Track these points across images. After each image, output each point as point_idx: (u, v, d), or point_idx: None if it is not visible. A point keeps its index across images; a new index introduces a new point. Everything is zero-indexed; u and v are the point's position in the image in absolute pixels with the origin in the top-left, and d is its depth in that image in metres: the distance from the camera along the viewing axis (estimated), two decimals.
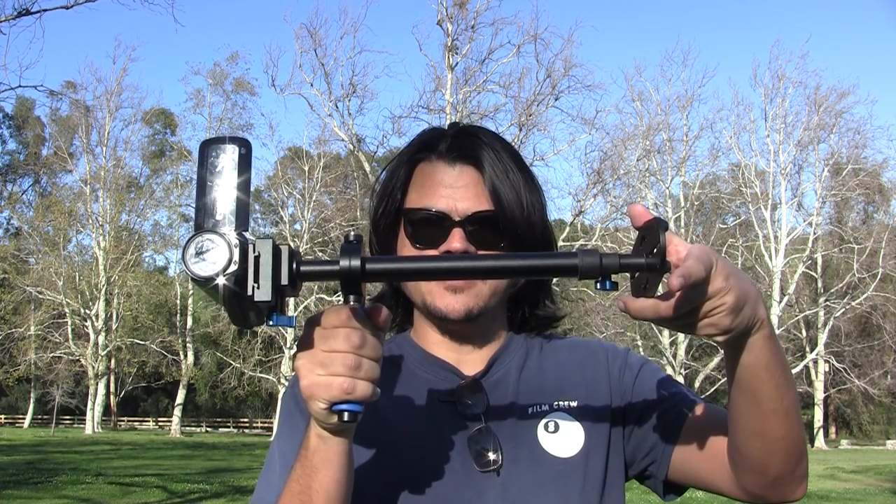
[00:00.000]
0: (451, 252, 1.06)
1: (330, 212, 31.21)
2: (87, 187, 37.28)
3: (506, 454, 1.05)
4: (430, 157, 1.13)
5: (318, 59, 26.12)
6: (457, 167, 1.10)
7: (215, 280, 0.75)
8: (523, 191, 1.10)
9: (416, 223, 1.10)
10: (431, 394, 1.10)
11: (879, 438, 41.67)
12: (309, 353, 0.84)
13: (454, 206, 1.08)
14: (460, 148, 1.11)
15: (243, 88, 39.55)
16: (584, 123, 26.51)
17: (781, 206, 31.99)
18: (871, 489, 16.33)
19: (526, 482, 1.04)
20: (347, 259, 0.79)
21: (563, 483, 1.05)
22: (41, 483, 13.72)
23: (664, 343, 31.59)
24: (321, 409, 0.83)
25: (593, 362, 1.15)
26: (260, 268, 0.77)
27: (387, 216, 1.15)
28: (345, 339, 0.82)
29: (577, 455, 1.07)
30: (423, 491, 1.03)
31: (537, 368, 1.14)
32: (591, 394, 1.12)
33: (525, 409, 1.10)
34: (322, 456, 0.89)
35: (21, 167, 44.85)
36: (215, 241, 0.77)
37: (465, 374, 1.12)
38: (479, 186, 1.09)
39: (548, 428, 1.08)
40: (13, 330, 36.42)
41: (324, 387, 0.82)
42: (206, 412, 50.12)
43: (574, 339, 1.22)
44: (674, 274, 0.75)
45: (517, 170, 1.11)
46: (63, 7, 10.52)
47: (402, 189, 1.14)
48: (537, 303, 1.19)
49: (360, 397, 0.83)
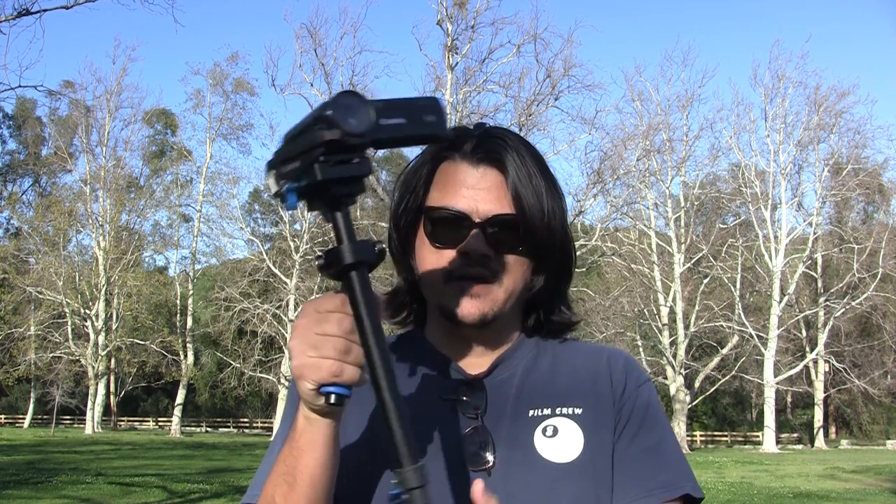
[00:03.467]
0: (468, 253, 1.06)
1: None
2: (87, 187, 37.30)
3: (500, 455, 1.05)
4: (454, 157, 1.12)
5: (318, 59, 26.14)
6: (480, 168, 1.10)
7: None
8: (545, 197, 1.09)
9: (436, 221, 1.10)
10: (433, 391, 1.10)
11: (879, 438, 41.66)
12: (302, 334, 0.86)
13: (475, 208, 1.08)
14: (486, 150, 1.11)
15: (243, 88, 39.62)
16: (583, 123, 26.54)
17: (781, 206, 32.00)
18: (871, 489, 16.34)
19: (518, 485, 1.04)
20: (351, 251, 0.82)
21: (556, 488, 1.04)
22: (41, 483, 13.72)
23: (664, 343, 31.59)
24: (309, 389, 0.85)
25: (605, 373, 1.14)
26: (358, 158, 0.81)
27: (408, 213, 1.14)
28: (337, 323, 0.84)
29: (574, 462, 1.06)
30: None
31: (546, 372, 1.13)
32: (597, 403, 1.11)
33: (525, 412, 1.09)
34: (308, 437, 0.90)
35: (21, 167, 44.86)
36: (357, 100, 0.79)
37: (470, 374, 1.12)
38: (501, 189, 1.09)
39: (545, 432, 1.07)
40: (13, 330, 36.43)
41: (313, 368, 0.84)
42: (206, 412, 50.11)
43: (588, 345, 1.21)
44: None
45: (540, 175, 1.11)
46: (63, 7, 10.54)
47: (424, 186, 1.13)
48: (553, 308, 1.18)
49: (348, 381, 0.84)
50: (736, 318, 31.47)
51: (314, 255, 0.84)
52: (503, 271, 1.08)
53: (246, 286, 32.46)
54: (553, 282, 1.16)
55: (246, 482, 15.24)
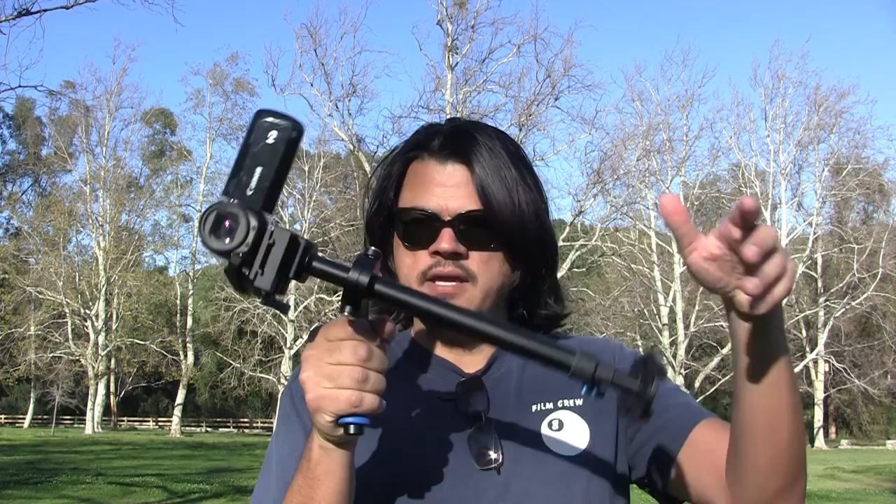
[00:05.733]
0: (439, 252, 1.04)
1: (330, 212, 31.22)
2: (87, 187, 37.27)
3: (507, 453, 1.04)
4: (422, 156, 1.10)
5: (318, 59, 26.10)
6: (448, 165, 1.08)
7: (222, 254, 0.75)
8: (517, 190, 1.07)
9: (407, 223, 1.09)
10: (431, 392, 1.09)
11: (879, 438, 41.67)
12: (315, 365, 0.83)
13: (445, 206, 1.06)
14: (452, 146, 1.09)
15: (243, 89, 39.61)
16: (583, 123, 26.51)
17: (781, 206, 31.99)
18: (871, 489, 16.34)
19: (529, 481, 1.03)
20: (358, 272, 0.79)
21: (567, 482, 1.04)
22: (41, 483, 13.72)
23: (664, 343, 31.58)
24: (327, 421, 0.83)
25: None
26: (269, 256, 0.76)
27: (380, 215, 1.13)
28: (351, 351, 0.82)
29: (582, 453, 1.06)
30: (421, 490, 1.02)
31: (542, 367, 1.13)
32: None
33: (528, 407, 1.08)
34: (325, 467, 0.88)
35: (21, 167, 44.82)
36: (238, 217, 0.75)
37: (466, 373, 1.11)
38: (469, 185, 1.06)
39: (552, 426, 1.07)
40: (13, 330, 36.40)
41: (331, 400, 0.82)
42: (206, 412, 50.10)
43: (582, 337, 1.21)
44: (747, 243, 0.74)
45: (513, 168, 1.08)
46: (63, 7, 10.53)
47: (395, 188, 1.12)
48: (539, 302, 1.17)
49: (368, 410, 0.82)
50: None
51: (345, 312, 0.81)
52: (477, 269, 1.06)
53: None
54: (532, 275, 1.13)
55: (246, 482, 15.23)
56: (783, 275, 0.76)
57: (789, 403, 0.88)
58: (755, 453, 0.91)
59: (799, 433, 0.90)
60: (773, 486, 0.91)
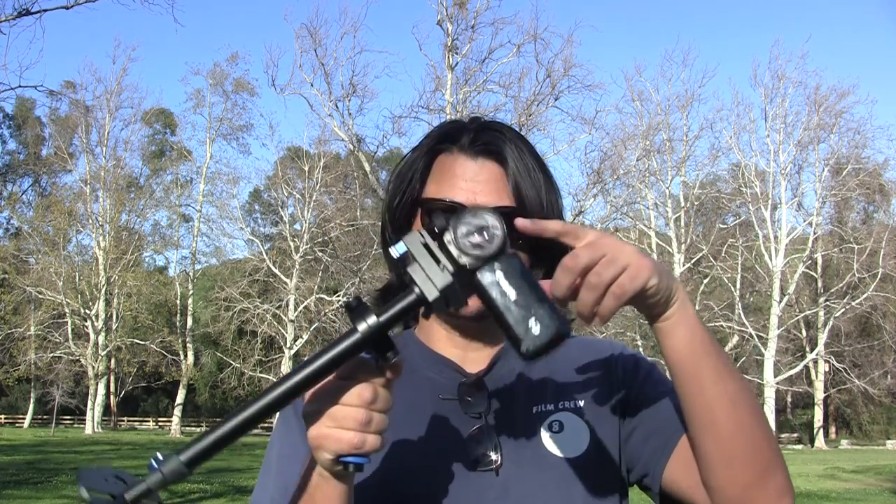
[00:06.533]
0: None
1: (330, 212, 31.21)
2: (87, 187, 37.28)
3: (507, 454, 1.04)
4: (451, 149, 1.11)
5: (318, 59, 26.07)
6: (478, 161, 1.09)
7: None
8: (544, 190, 1.09)
9: (433, 213, 1.08)
10: (433, 392, 1.09)
11: (879, 438, 41.66)
12: (319, 403, 0.82)
13: (473, 200, 1.06)
14: (484, 142, 1.10)
15: (243, 88, 39.63)
16: (583, 123, 26.47)
17: (781, 206, 31.98)
18: (871, 489, 16.34)
19: (528, 483, 1.03)
20: (362, 321, 0.81)
21: (567, 484, 1.04)
22: (41, 483, 13.72)
23: None
24: (327, 459, 0.83)
25: (602, 362, 1.14)
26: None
27: (403, 206, 1.13)
28: (357, 394, 0.81)
29: (582, 456, 1.06)
30: (420, 490, 1.02)
31: (544, 367, 1.12)
32: (598, 394, 1.10)
33: (529, 409, 1.08)
34: (324, 493, 0.88)
35: (21, 167, 44.82)
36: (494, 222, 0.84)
37: (469, 373, 1.11)
38: (500, 182, 1.07)
39: (552, 428, 1.07)
40: (13, 330, 36.41)
41: (333, 440, 0.81)
42: (206, 412, 50.06)
43: (584, 339, 1.21)
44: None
45: (538, 169, 1.10)
46: (63, 7, 10.54)
47: (420, 179, 1.12)
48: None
49: (369, 451, 0.82)
50: (736, 318, 31.46)
51: (394, 356, 0.84)
52: None
53: (246, 286, 32.46)
54: (550, 276, 1.15)
55: (246, 482, 15.18)
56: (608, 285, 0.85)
57: (719, 395, 0.90)
58: (700, 446, 0.93)
59: (746, 425, 0.91)
60: (737, 480, 0.92)
